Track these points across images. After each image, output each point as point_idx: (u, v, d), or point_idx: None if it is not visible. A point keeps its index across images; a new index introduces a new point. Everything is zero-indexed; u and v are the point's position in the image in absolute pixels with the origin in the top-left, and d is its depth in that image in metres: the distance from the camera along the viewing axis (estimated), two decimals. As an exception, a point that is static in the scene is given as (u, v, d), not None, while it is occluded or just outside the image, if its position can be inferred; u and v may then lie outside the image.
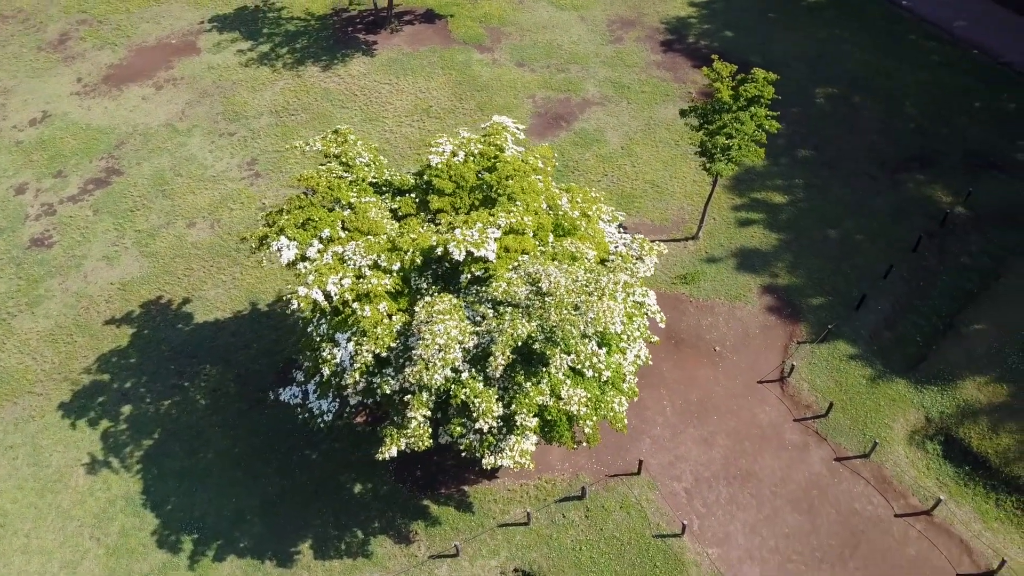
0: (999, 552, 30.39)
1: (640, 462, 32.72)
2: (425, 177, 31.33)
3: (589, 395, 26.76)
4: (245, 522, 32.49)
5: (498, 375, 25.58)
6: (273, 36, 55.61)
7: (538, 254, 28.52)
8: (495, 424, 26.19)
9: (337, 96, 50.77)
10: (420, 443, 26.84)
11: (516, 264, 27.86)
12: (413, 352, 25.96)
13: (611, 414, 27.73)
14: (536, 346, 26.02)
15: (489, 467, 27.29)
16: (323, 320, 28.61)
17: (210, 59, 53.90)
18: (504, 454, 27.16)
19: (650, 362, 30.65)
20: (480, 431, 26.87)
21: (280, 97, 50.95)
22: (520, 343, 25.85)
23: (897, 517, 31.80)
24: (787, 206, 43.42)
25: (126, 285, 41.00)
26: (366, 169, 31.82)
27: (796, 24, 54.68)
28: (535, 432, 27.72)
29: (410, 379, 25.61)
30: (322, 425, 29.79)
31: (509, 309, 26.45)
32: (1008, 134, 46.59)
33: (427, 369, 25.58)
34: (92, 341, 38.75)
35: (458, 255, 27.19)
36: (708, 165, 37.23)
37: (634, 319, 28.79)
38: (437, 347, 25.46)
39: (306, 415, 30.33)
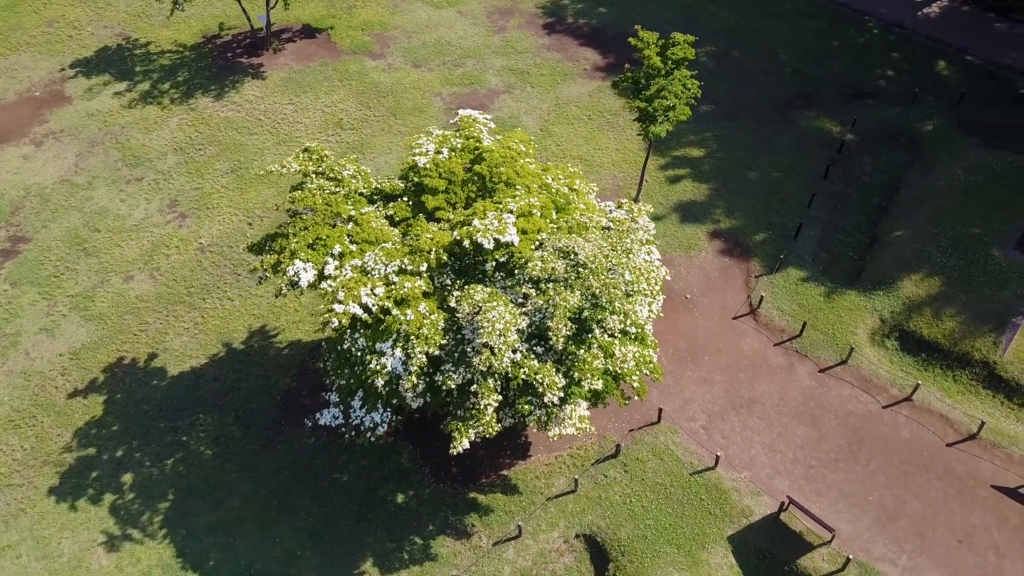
0: (975, 417, 34.91)
1: (660, 410, 34.78)
2: (415, 179, 31.67)
3: (638, 350, 28.43)
4: (297, 558, 31.71)
5: (560, 347, 26.69)
6: (149, 73, 52.95)
7: (554, 230, 29.75)
8: (561, 395, 27.29)
9: (241, 124, 49.27)
10: (490, 430, 27.49)
11: (538, 243, 28.98)
12: (476, 341, 26.57)
13: (650, 366, 29.54)
14: (585, 314, 27.33)
15: (555, 438, 28.40)
16: (357, 334, 28.47)
17: (87, 106, 50.65)
18: (566, 423, 28.33)
19: (662, 315, 32.66)
20: (547, 404, 27.82)
21: (180, 133, 48.80)
22: (571, 314, 27.06)
23: (885, 408, 35.72)
24: (706, 158, 46.86)
25: (78, 353, 38.30)
26: (354, 181, 31.74)
27: (660, -7, 58.44)
28: (586, 398, 29.07)
29: (480, 367, 26.23)
30: (372, 439, 29.63)
31: (551, 284, 27.57)
32: (865, 65, 52.37)
33: (494, 355, 26.30)
34: (61, 418, 36.02)
35: (487, 244, 27.96)
36: (646, 128, 39.60)
37: (651, 274, 30.65)
38: (498, 332, 26.22)
39: (351, 433, 30.02)
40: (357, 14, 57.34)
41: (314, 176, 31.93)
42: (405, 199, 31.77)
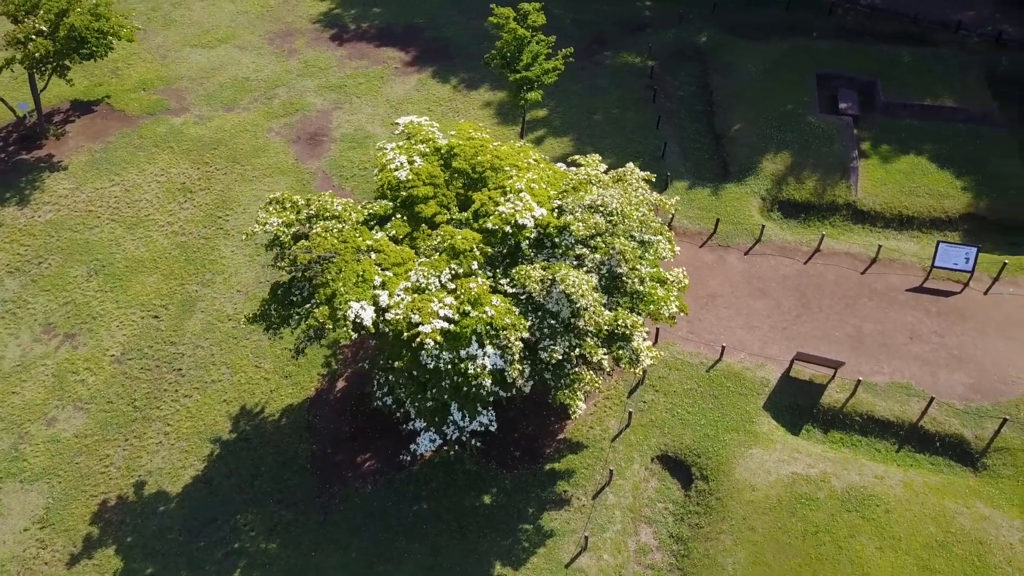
0: (869, 245, 42.71)
1: (657, 331, 38.17)
2: (402, 193, 31.53)
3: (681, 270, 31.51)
4: (428, 596, 30.83)
5: (639, 287, 28.89)
6: (-85, 203, 44.57)
7: (560, 194, 31.51)
8: (646, 332, 29.55)
9: (72, 223, 43.68)
10: (596, 385, 29.01)
11: (557, 210, 30.67)
12: (564, 310, 27.84)
13: (682, 284, 32.77)
14: (638, 253, 29.70)
15: (640, 372, 30.65)
16: (436, 350, 28.15)
17: None
18: (642, 357, 30.61)
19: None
20: (634, 345, 29.83)
21: (2, 255, 42.10)
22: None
23: (806, 264, 42.30)
24: (551, 114, 50.51)
25: (46, 519, 32.76)
26: (348, 214, 30.78)
27: (421, -17, 60.37)
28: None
29: (588, 327, 27.63)
30: (479, 444, 29.58)
31: (598, 238, 29.53)
32: (626, 2, 59.04)
33: (593, 313, 27.81)
34: (74, 590, 30.88)
35: (529, 223, 29.18)
36: (524, 97, 42.20)
37: (667, 204, 33.62)
38: (587, 293, 27.76)
39: (455, 448, 29.72)
40: (127, 76, 52.54)
41: (297, 223, 30.45)
42: (399, 216, 31.47)
